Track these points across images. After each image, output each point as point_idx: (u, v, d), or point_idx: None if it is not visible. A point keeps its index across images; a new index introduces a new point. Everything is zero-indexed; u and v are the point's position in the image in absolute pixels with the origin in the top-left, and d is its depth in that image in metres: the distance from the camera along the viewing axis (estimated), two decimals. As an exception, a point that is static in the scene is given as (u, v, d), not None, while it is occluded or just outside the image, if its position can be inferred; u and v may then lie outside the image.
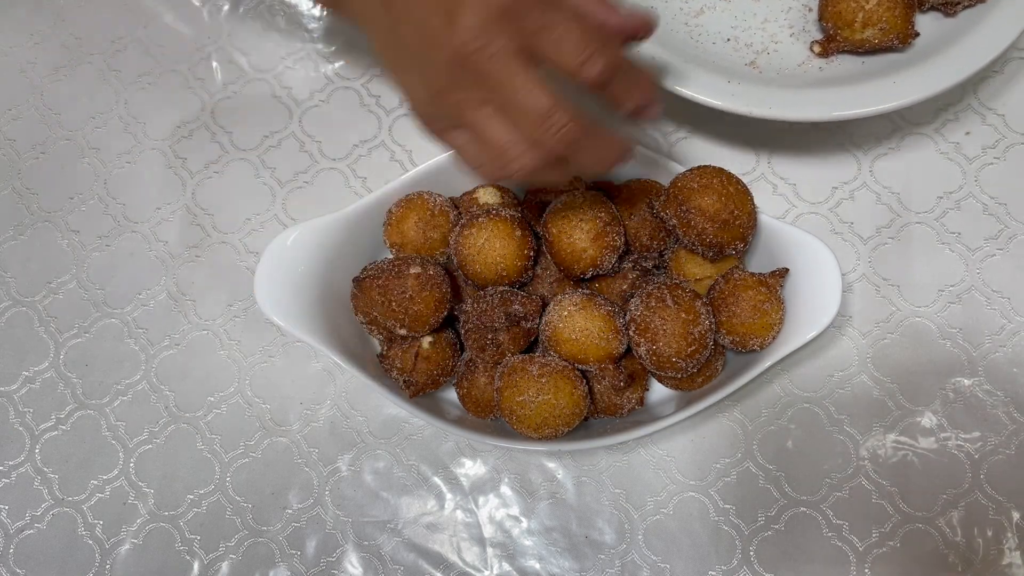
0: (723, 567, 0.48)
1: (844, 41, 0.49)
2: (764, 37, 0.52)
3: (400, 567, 0.49)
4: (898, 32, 0.48)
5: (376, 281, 0.44)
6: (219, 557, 0.50)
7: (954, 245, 0.52)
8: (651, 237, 0.47)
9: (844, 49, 0.50)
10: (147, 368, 0.54)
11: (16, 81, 0.61)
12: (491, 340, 0.45)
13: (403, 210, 0.48)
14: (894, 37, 0.48)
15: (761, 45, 0.52)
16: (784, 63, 0.51)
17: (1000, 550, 0.47)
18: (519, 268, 0.46)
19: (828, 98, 0.47)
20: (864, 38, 0.48)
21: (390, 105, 0.58)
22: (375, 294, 0.44)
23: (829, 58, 0.51)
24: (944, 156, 0.54)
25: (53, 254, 0.57)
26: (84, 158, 0.59)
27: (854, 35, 0.48)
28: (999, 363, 0.50)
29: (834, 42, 0.50)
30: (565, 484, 0.50)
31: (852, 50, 0.50)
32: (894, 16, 0.47)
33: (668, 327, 0.42)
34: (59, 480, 0.52)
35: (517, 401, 0.43)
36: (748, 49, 0.51)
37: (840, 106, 0.47)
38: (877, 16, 0.47)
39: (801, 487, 0.49)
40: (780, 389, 0.51)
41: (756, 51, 0.51)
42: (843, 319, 0.51)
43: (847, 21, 0.48)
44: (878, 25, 0.48)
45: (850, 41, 0.49)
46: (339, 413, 0.52)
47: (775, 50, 0.52)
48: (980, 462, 0.48)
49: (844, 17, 0.48)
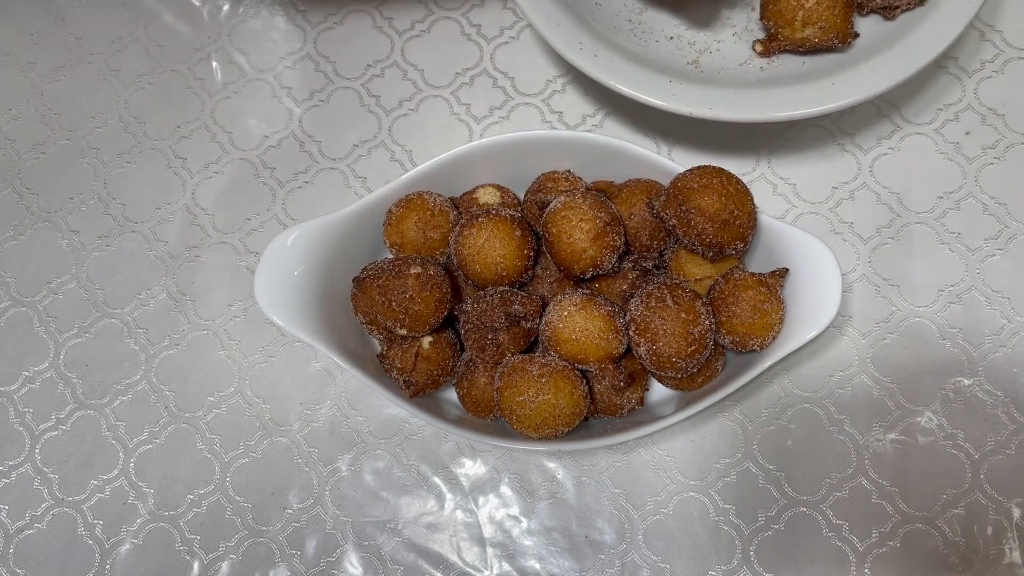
0: (723, 567, 0.48)
1: (785, 40, 0.49)
2: (707, 36, 0.52)
3: (400, 567, 0.49)
4: (838, 31, 0.48)
5: (376, 281, 0.44)
6: (219, 557, 0.50)
7: (954, 245, 0.52)
8: (651, 237, 0.47)
9: (785, 48, 0.50)
10: (147, 368, 0.54)
11: (16, 81, 0.61)
12: (491, 340, 0.45)
13: (403, 210, 0.48)
14: (834, 36, 0.48)
15: (704, 44, 0.52)
16: (726, 62, 0.51)
17: (1000, 550, 0.47)
18: (519, 268, 0.46)
19: (767, 99, 0.47)
20: (804, 36, 0.48)
21: (390, 105, 0.58)
22: (375, 294, 0.44)
23: (771, 58, 0.51)
24: (944, 156, 0.54)
25: (53, 254, 0.57)
26: (84, 158, 0.59)
27: (794, 34, 0.49)
28: (999, 363, 0.50)
29: (775, 41, 0.50)
30: (565, 484, 0.50)
31: (793, 50, 0.50)
32: (833, 15, 0.48)
33: (668, 327, 0.42)
34: (59, 480, 0.52)
35: (517, 401, 0.43)
36: (691, 48, 0.51)
37: (779, 107, 0.47)
38: (817, 15, 0.48)
39: (801, 487, 0.49)
40: (780, 389, 0.51)
41: (699, 50, 0.51)
42: (843, 319, 0.51)
43: (787, 20, 0.48)
44: (818, 24, 0.48)
45: (791, 40, 0.49)
46: (339, 413, 0.52)
47: (717, 49, 0.52)
48: (980, 462, 0.48)
49: (784, 15, 0.48)
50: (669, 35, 0.52)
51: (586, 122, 0.57)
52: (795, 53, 0.50)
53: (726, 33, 0.52)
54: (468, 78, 0.58)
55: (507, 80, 0.58)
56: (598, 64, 0.48)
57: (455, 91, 0.58)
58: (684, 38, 0.52)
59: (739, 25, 0.52)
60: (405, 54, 0.59)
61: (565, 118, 0.57)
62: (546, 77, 0.58)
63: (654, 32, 0.52)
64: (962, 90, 0.55)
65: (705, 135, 0.55)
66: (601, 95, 0.57)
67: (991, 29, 0.56)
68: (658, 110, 0.47)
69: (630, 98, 0.48)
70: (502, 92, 0.58)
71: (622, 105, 0.56)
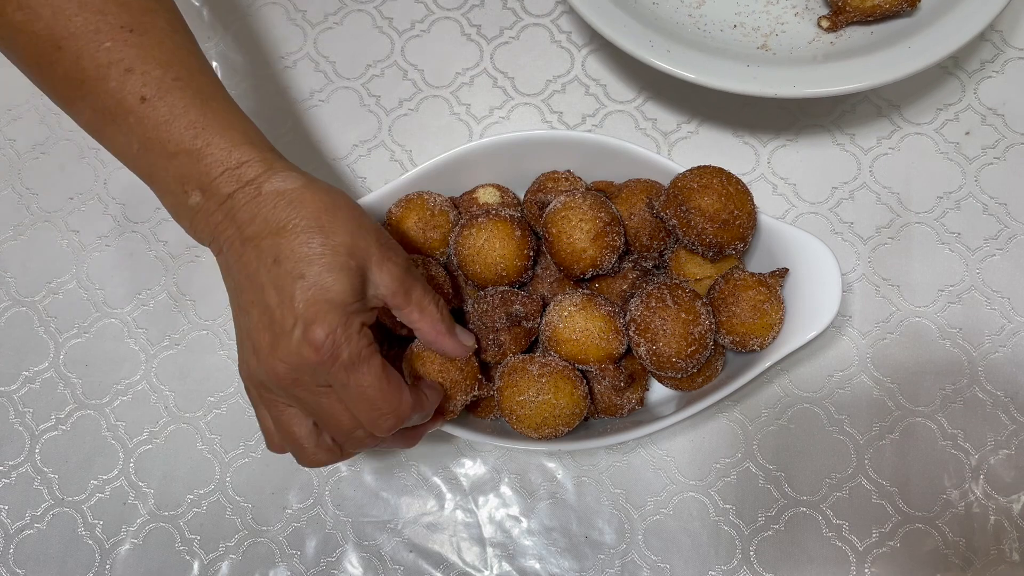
0: (723, 567, 0.48)
1: (854, 11, 0.50)
2: (769, 20, 0.53)
3: (400, 567, 0.49)
4: None
5: None
6: (219, 557, 0.50)
7: (954, 245, 0.52)
8: (651, 237, 0.47)
9: (853, 20, 0.51)
10: (147, 368, 0.54)
11: (16, 81, 0.61)
12: (492, 340, 0.45)
13: (403, 210, 0.48)
14: (903, 1, 0.49)
15: (768, 28, 0.52)
16: (795, 42, 0.52)
17: (1000, 550, 0.47)
18: (519, 268, 0.46)
19: (846, 70, 0.48)
20: (875, 4, 0.49)
21: (389, 105, 0.58)
22: None
23: (838, 32, 0.51)
24: (944, 156, 0.54)
25: (53, 254, 0.57)
26: (84, 158, 0.59)
27: (864, 3, 0.49)
28: (999, 363, 0.50)
29: (843, 14, 0.50)
30: (565, 484, 0.50)
31: (860, 20, 0.51)
32: None
33: (668, 327, 0.42)
34: (59, 480, 0.52)
35: (517, 401, 0.43)
36: (756, 33, 0.52)
37: (860, 77, 0.48)
38: None
39: (801, 487, 0.49)
40: (780, 389, 0.51)
41: (764, 34, 0.52)
42: (843, 319, 0.51)
43: None
44: None
45: (859, 10, 0.50)
46: (339, 413, 0.52)
47: (783, 31, 0.52)
48: (980, 462, 0.48)
49: None
50: (732, 24, 0.53)
51: (586, 122, 0.57)
52: (862, 23, 0.51)
53: (788, 15, 0.53)
54: (468, 78, 0.58)
55: (507, 80, 0.58)
56: (672, 59, 0.48)
57: (455, 91, 0.58)
58: (747, 24, 0.53)
59: (799, 5, 0.53)
60: (405, 54, 0.59)
61: (565, 118, 0.57)
62: (546, 77, 0.58)
63: (716, 23, 0.53)
64: (962, 90, 0.55)
65: (705, 135, 0.55)
66: (601, 94, 0.57)
67: (991, 29, 0.56)
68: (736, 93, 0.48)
69: (711, 88, 0.48)
70: (502, 92, 0.58)
71: (620, 105, 0.56)
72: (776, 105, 0.55)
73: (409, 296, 0.39)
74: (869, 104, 0.55)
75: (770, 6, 0.53)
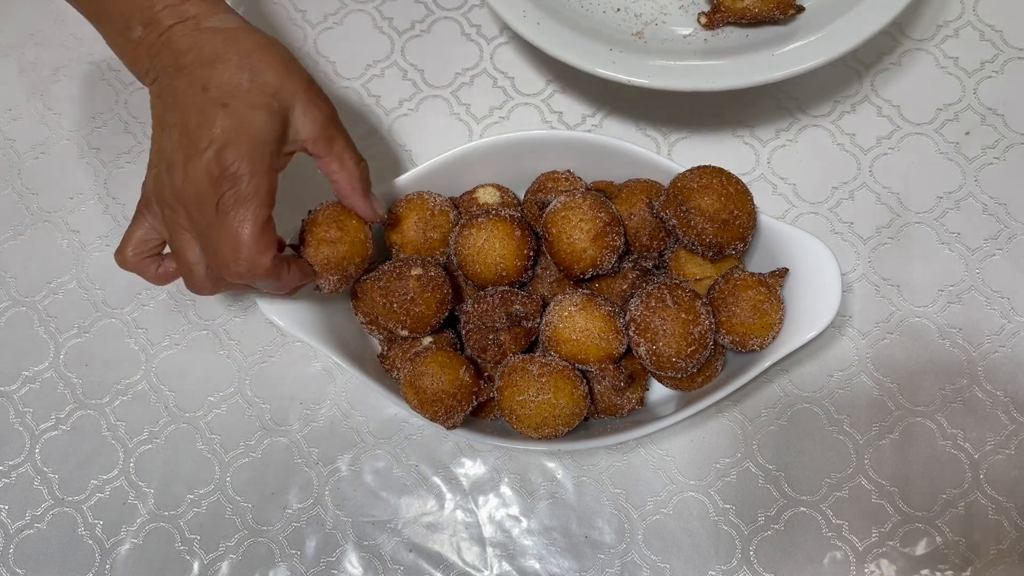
0: (723, 567, 0.48)
1: (727, 11, 0.49)
2: (654, 8, 0.52)
3: (400, 567, 0.49)
4: (778, 3, 0.48)
5: (377, 283, 0.44)
6: (219, 557, 0.50)
7: (954, 245, 0.52)
8: (651, 237, 0.47)
9: (729, 21, 0.50)
10: (147, 368, 0.54)
11: (16, 81, 0.61)
12: (492, 340, 0.45)
13: (403, 210, 0.48)
14: (775, 8, 0.48)
15: (651, 16, 0.52)
16: (670, 34, 0.51)
17: (1000, 550, 0.47)
18: (519, 268, 0.46)
19: (705, 70, 0.48)
20: (745, 7, 0.49)
21: (389, 105, 0.58)
22: (376, 296, 0.44)
23: (715, 30, 0.51)
24: (944, 156, 0.54)
25: (53, 254, 0.57)
26: (84, 158, 0.59)
27: (735, 4, 0.49)
28: (999, 363, 0.50)
29: (719, 13, 0.50)
30: (565, 484, 0.50)
31: (737, 22, 0.50)
32: None
33: (668, 327, 0.42)
34: (59, 480, 0.52)
35: (517, 400, 0.43)
36: (637, 20, 0.52)
37: (715, 78, 0.47)
38: None
39: (801, 487, 0.49)
40: (780, 389, 0.51)
41: (644, 22, 0.51)
42: (843, 319, 0.51)
43: None
44: None
45: (732, 11, 0.49)
46: (339, 413, 0.52)
47: (663, 21, 0.52)
48: (980, 462, 0.49)
49: None
50: (616, 7, 0.52)
51: (586, 122, 0.57)
52: (739, 25, 0.50)
53: (673, 6, 0.52)
54: (468, 78, 0.58)
55: (507, 80, 0.58)
56: (540, 32, 0.49)
57: (455, 91, 0.58)
58: (631, 9, 0.52)
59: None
60: (405, 54, 0.59)
61: (565, 118, 0.57)
62: (546, 77, 0.58)
63: (600, 3, 0.52)
64: (962, 90, 0.55)
65: (705, 135, 0.55)
66: (600, 94, 0.57)
67: (991, 29, 0.56)
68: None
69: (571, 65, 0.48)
70: (502, 92, 0.58)
71: (621, 105, 0.56)
72: (775, 104, 0.55)
73: (331, 146, 0.41)
74: (869, 104, 0.55)
75: None
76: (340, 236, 0.43)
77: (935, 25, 0.56)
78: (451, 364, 0.44)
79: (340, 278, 0.44)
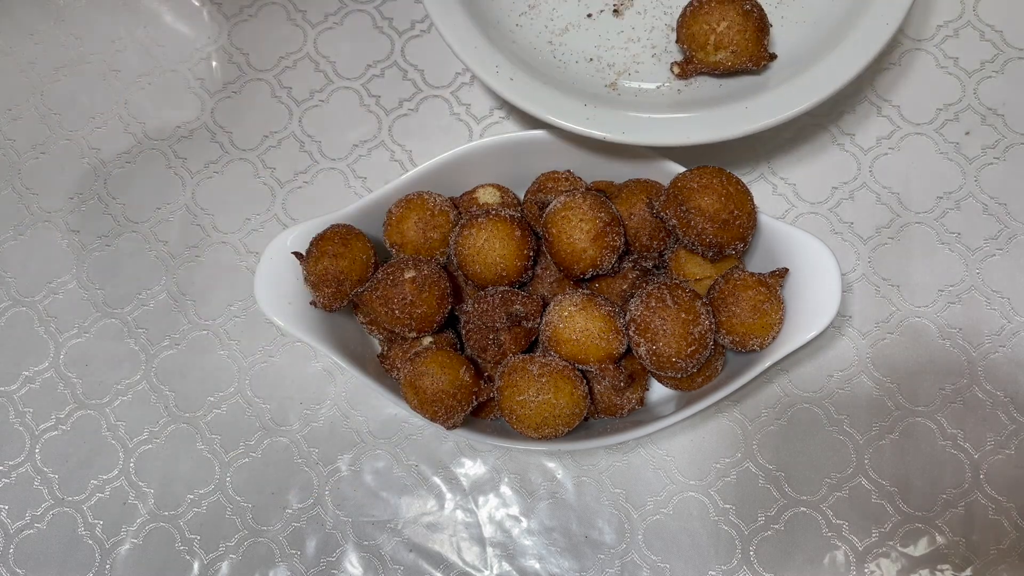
0: (723, 567, 0.48)
1: (700, 63, 0.48)
2: (627, 57, 0.51)
3: (400, 567, 0.49)
4: (750, 55, 0.47)
5: (375, 293, 0.44)
6: (219, 557, 0.50)
7: (954, 245, 0.52)
8: (651, 237, 0.47)
9: (702, 71, 0.49)
10: (147, 368, 0.54)
11: (16, 81, 0.61)
12: (492, 340, 0.45)
13: (403, 210, 0.48)
14: (747, 60, 0.47)
15: (623, 65, 0.50)
16: (644, 85, 0.50)
17: (1000, 550, 0.47)
18: (519, 268, 0.46)
19: (679, 124, 0.46)
20: (717, 60, 0.47)
21: (390, 105, 0.58)
22: (377, 306, 0.44)
23: (688, 80, 0.49)
24: (944, 156, 0.54)
25: (53, 254, 0.57)
26: (84, 158, 0.59)
27: (708, 57, 0.47)
28: (999, 363, 0.50)
29: (691, 64, 0.48)
30: (565, 484, 0.50)
31: (710, 72, 0.49)
32: (744, 39, 0.46)
33: (668, 327, 0.42)
34: (59, 480, 0.52)
35: (517, 401, 0.43)
36: (610, 70, 0.50)
37: (689, 132, 0.46)
38: (728, 39, 0.46)
39: (801, 487, 0.49)
40: (780, 389, 0.51)
41: (617, 71, 0.50)
42: (843, 319, 0.51)
43: (700, 43, 0.47)
44: (730, 48, 0.46)
45: (705, 63, 0.48)
46: (339, 413, 0.52)
47: (636, 71, 0.50)
48: (980, 462, 0.49)
49: (697, 39, 0.47)
50: (588, 56, 0.51)
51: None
52: (712, 75, 0.49)
53: (646, 54, 0.51)
54: (468, 78, 0.58)
55: (507, 80, 0.58)
56: (514, 88, 0.47)
57: (455, 91, 0.58)
58: (603, 59, 0.51)
59: (659, 46, 0.51)
60: (405, 54, 0.59)
61: (565, 118, 0.57)
62: (546, 77, 0.58)
63: (574, 53, 0.51)
64: (962, 90, 0.55)
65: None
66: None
67: (991, 29, 0.56)
68: None
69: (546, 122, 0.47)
70: (502, 92, 0.58)
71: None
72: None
73: None
74: (869, 104, 0.55)
75: (630, 43, 0.51)
76: (343, 252, 0.44)
77: (935, 25, 0.56)
78: (451, 364, 0.44)
79: (335, 292, 0.44)
